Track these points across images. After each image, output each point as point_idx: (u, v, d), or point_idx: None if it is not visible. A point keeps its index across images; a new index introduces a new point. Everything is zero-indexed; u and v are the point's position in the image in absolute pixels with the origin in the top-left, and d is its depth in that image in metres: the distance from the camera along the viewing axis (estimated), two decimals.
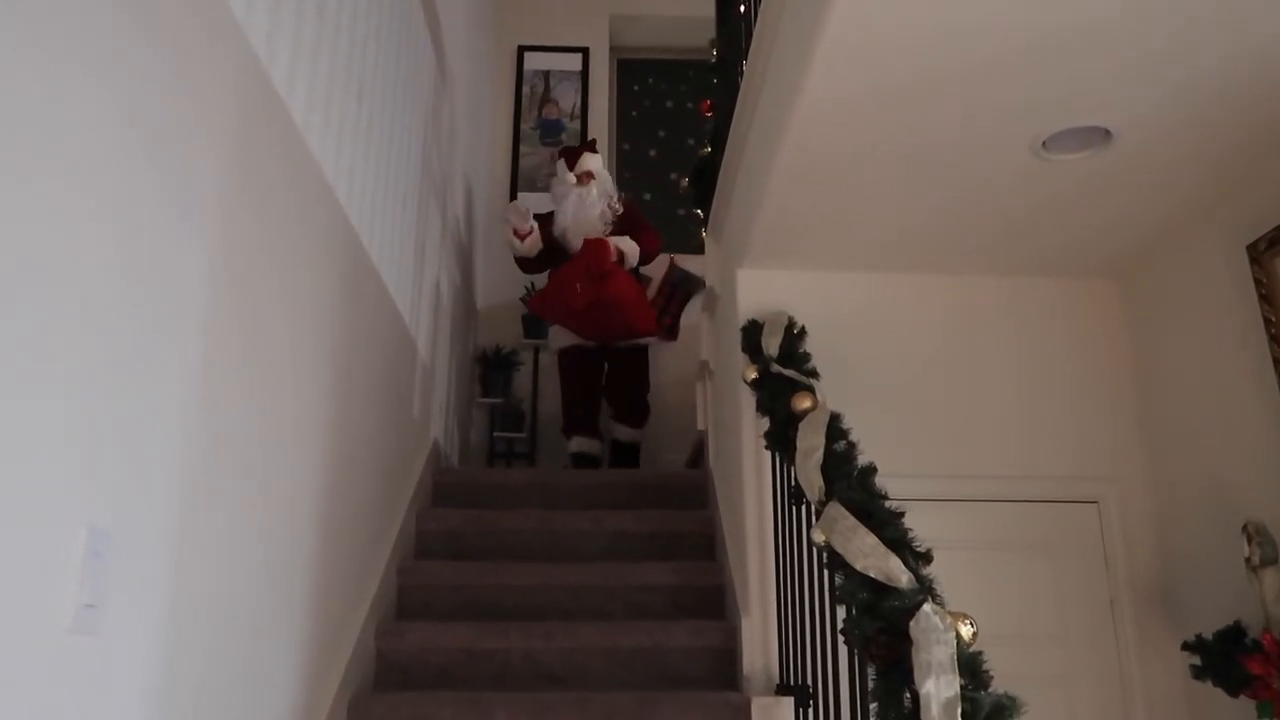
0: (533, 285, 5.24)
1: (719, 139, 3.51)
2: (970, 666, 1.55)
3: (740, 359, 2.91)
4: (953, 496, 2.95)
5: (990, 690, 1.54)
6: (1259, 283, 2.57)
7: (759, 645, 2.69)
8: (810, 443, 2.24)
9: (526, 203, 4.71)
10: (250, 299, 1.77)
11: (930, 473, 2.95)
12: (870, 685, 1.72)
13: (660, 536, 3.41)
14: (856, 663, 1.87)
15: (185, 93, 1.48)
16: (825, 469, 2.17)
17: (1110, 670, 2.92)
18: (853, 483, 2.05)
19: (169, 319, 1.45)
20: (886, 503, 1.95)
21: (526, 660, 2.81)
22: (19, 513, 1.09)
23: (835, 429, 2.27)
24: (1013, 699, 1.49)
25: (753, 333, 2.88)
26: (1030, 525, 3.02)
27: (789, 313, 2.88)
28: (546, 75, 5.87)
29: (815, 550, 2.21)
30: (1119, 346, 3.16)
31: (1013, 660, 1.96)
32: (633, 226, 4.58)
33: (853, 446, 2.22)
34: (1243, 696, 2.45)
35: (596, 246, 4.32)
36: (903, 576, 1.73)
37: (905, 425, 3.01)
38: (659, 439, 4.76)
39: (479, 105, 5.28)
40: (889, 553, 1.78)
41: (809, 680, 2.31)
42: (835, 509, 1.96)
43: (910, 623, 1.61)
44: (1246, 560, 2.52)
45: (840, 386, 2.68)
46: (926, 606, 1.62)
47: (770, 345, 2.77)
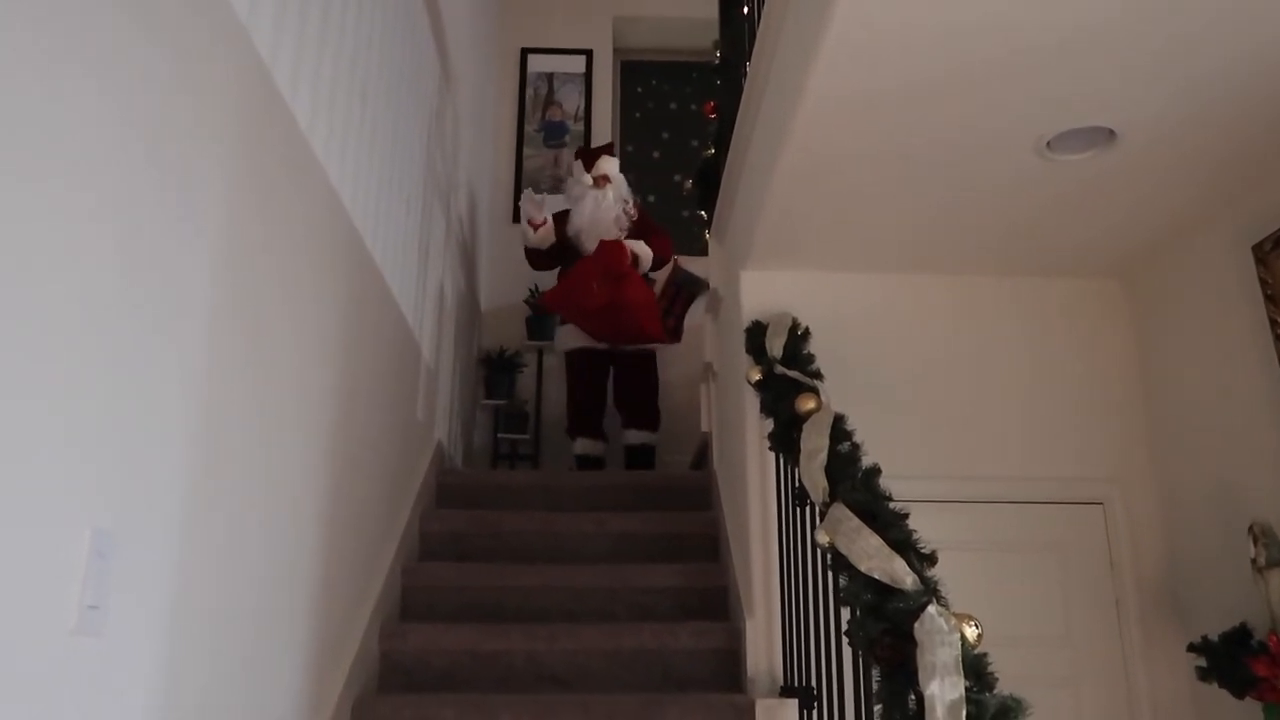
0: (536, 287, 5.25)
1: (722, 140, 3.51)
2: (975, 668, 1.54)
3: (744, 360, 2.91)
4: (957, 498, 2.95)
5: (995, 692, 1.53)
6: (1264, 283, 2.56)
7: (763, 647, 2.69)
8: (814, 444, 2.24)
9: (536, 196, 4.69)
10: (253, 300, 1.77)
11: (935, 474, 2.95)
12: (875, 687, 1.72)
13: (664, 538, 3.41)
14: (861, 664, 1.87)
15: (187, 94, 1.48)
16: (829, 470, 2.17)
17: (1116, 672, 2.91)
18: (857, 484, 2.05)
19: (172, 320, 1.45)
20: (891, 504, 1.95)
21: (530, 662, 2.80)
22: (22, 514, 1.09)
23: (839, 430, 2.26)
24: (1018, 701, 1.49)
25: (756, 334, 2.88)
26: (1035, 526, 3.01)
27: (793, 314, 2.87)
28: (550, 77, 5.87)
29: (819, 552, 2.21)
30: (1124, 347, 3.16)
31: (1018, 662, 1.95)
32: (645, 231, 4.59)
33: (857, 448, 2.21)
34: (1249, 698, 2.44)
35: (613, 248, 4.32)
36: (907, 578, 1.73)
37: (910, 426, 3.01)
38: (663, 440, 4.76)
39: (483, 107, 5.29)
40: (893, 554, 1.78)
41: (813, 682, 2.31)
42: (839, 510, 1.96)
43: (915, 624, 1.61)
44: (1252, 561, 2.51)
45: (844, 387, 2.67)
46: (931, 608, 1.61)
47: (774, 346, 2.77)
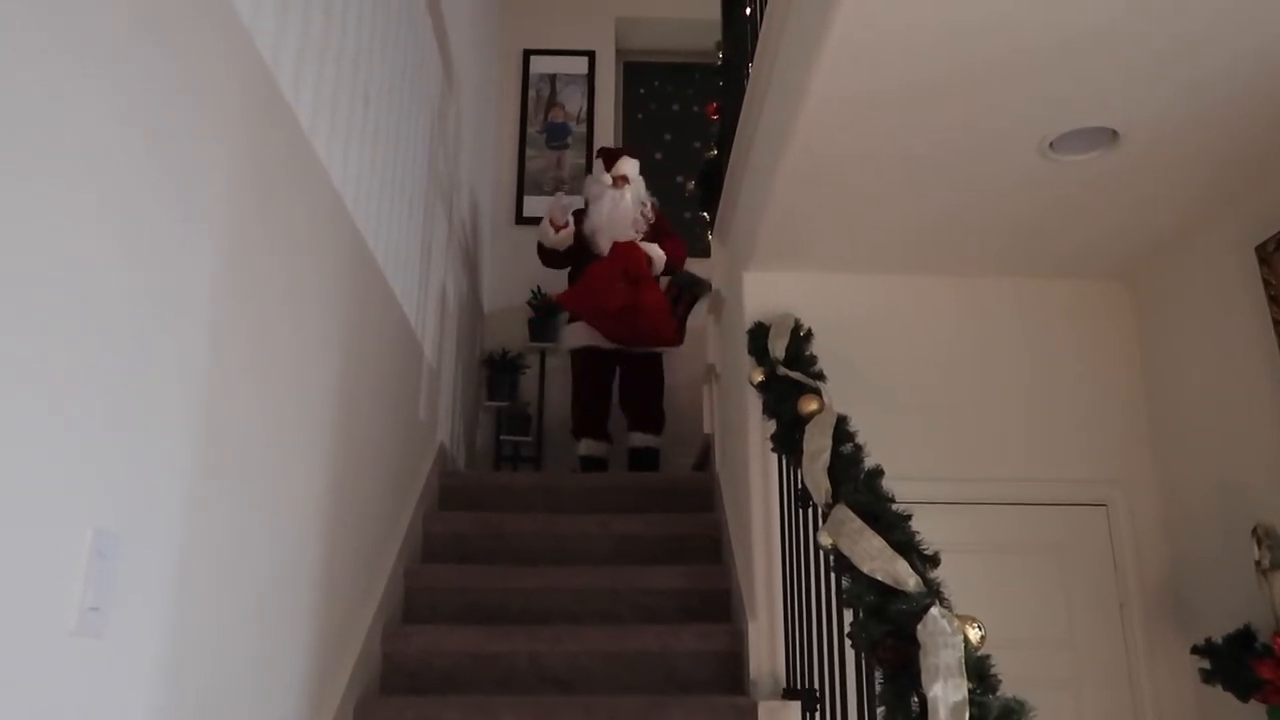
0: (539, 288, 5.25)
1: (725, 142, 3.51)
2: (978, 670, 1.54)
3: (747, 362, 2.91)
4: (960, 499, 2.94)
5: (999, 694, 1.53)
6: (1268, 284, 2.56)
7: (766, 649, 2.68)
8: (817, 445, 2.24)
9: (565, 200, 4.72)
10: (255, 300, 1.77)
11: (938, 476, 2.94)
12: (877, 689, 1.71)
13: (667, 540, 3.40)
14: (863, 666, 1.86)
15: (191, 95, 1.48)
16: (832, 471, 2.16)
17: (1119, 674, 2.90)
18: (860, 485, 2.05)
19: (173, 320, 1.45)
20: (894, 506, 1.94)
21: (532, 664, 2.80)
22: (23, 514, 1.09)
23: (842, 431, 2.26)
24: (1021, 703, 1.48)
25: (759, 335, 2.88)
26: (1039, 528, 3.01)
27: (795, 315, 2.87)
28: (553, 79, 5.87)
29: (822, 553, 2.20)
30: (1127, 348, 3.15)
31: (1021, 664, 1.94)
32: (660, 235, 4.59)
33: (860, 449, 2.21)
34: (1253, 701, 2.43)
35: (631, 250, 4.32)
36: (910, 579, 1.72)
37: (912, 428, 3.00)
38: (666, 442, 4.76)
39: (485, 109, 5.29)
40: (896, 555, 1.78)
41: (816, 684, 2.30)
42: (842, 512, 1.95)
43: (918, 626, 1.60)
44: (1257, 564, 2.50)
45: (847, 389, 2.67)
46: (934, 610, 1.61)
47: (776, 348, 2.76)
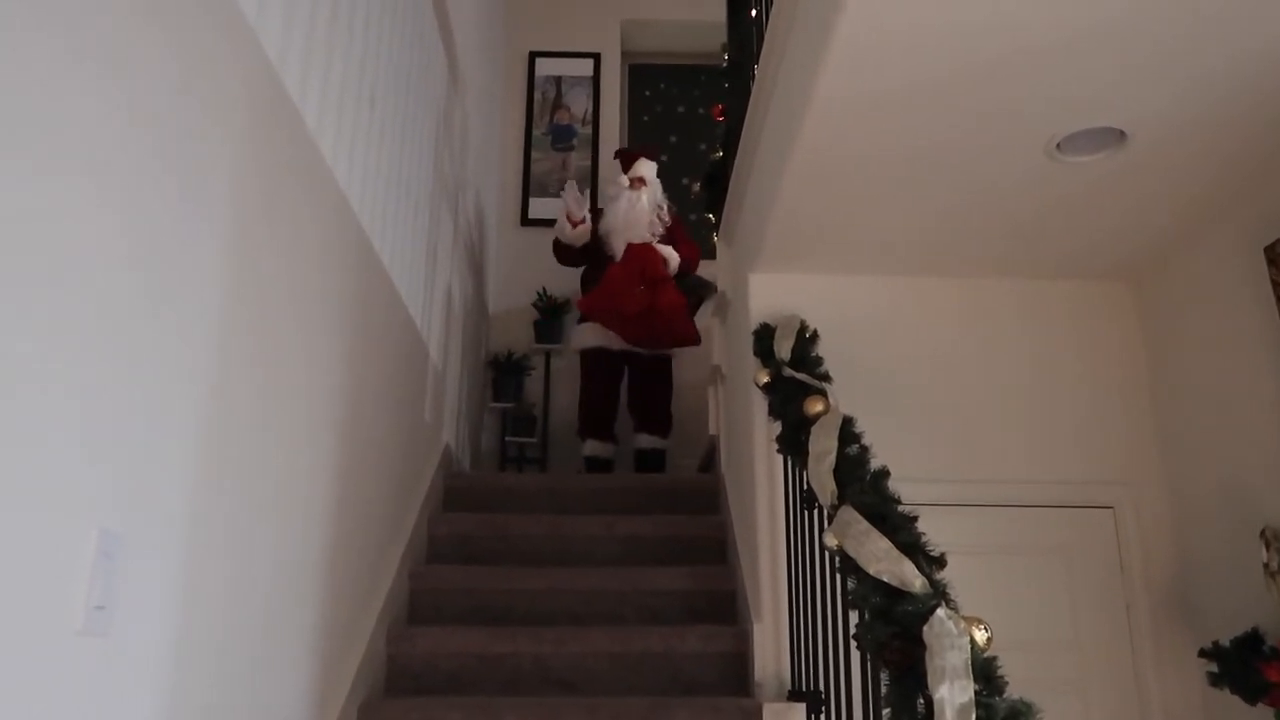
0: (545, 290, 5.25)
1: (730, 143, 3.51)
2: (985, 672, 1.53)
3: (752, 363, 2.90)
4: (967, 501, 2.93)
5: (1006, 695, 1.52)
6: (1276, 285, 2.55)
7: (771, 650, 2.67)
8: (823, 446, 2.23)
9: (577, 191, 4.67)
10: (260, 301, 1.77)
11: (945, 477, 2.93)
12: (883, 691, 1.71)
13: (672, 541, 3.40)
14: (869, 668, 1.86)
15: (196, 95, 1.48)
16: (838, 473, 2.16)
17: (1126, 677, 2.89)
18: (865, 486, 2.04)
19: (179, 321, 1.45)
20: (900, 507, 1.94)
21: (537, 665, 2.80)
22: (29, 513, 1.09)
23: (848, 433, 2.26)
24: (1028, 704, 1.48)
25: (765, 337, 2.87)
26: (1045, 530, 3.00)
27: (801, 316, 2.87)
28: (558, 81, 5.87)
29: (828, 555, 2.20)
30: (1133, 350, 3.14)
31: (1027, 667, 1.94)
32: (676, 239, 4.58)
33: (865, 450, 2.21)
34: (1261, 704, 2.42)
35: (647, 253, 4.31)
36: (916, 581, 1.72)
37: (919, 429, 3.00)
38: (672, 444, 4.76)
39: (491, 111, 5.29)
40: (902, 557, 1.77)
41: (821, 686, 2.30)
42: (848, 513, 1.95)
43: (924, 628, 1.60)
44: (1265, 566, 2.49)
45: (852, 390, 2.67)
46: (940, 611, 1.61)
47: (782, 349, 2.76)
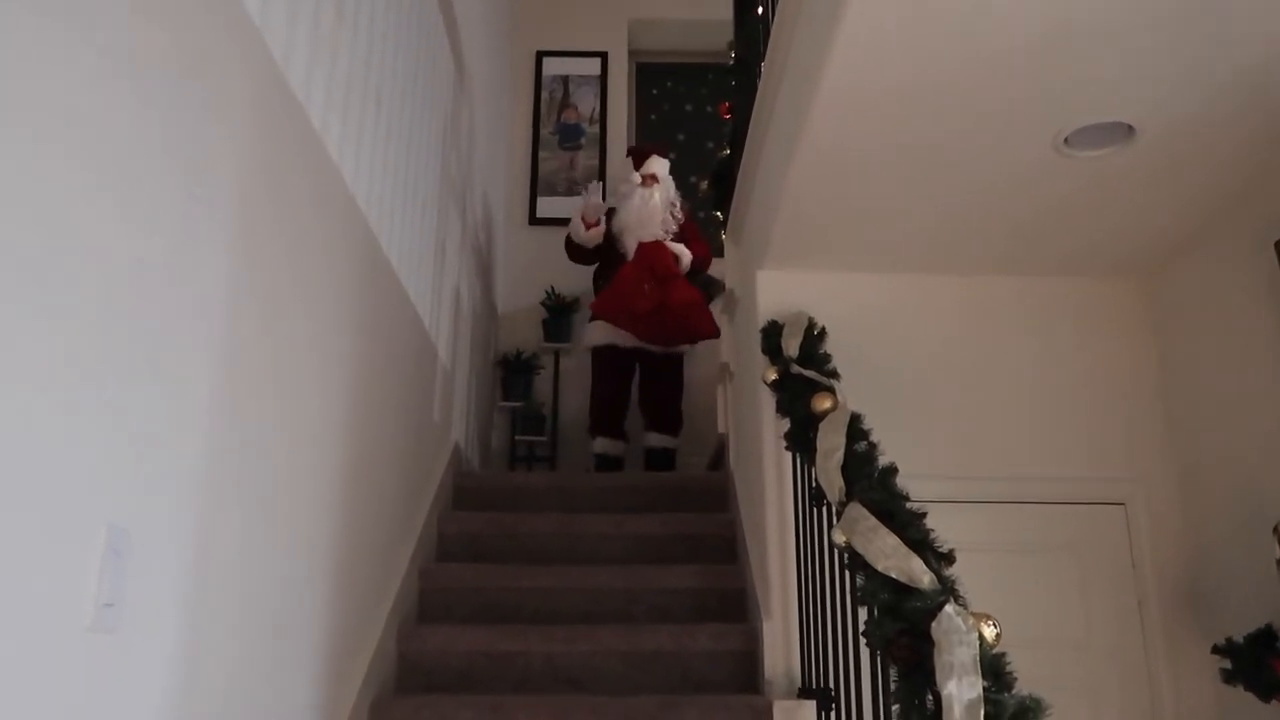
0: (554, 289, 5.26)
1: (737, 141, 3.50)
2: (993, 668, 1.53)
3: (760, 360, 2.90)
4: (977, 498, 2.92)
5: (1014, 692, 1.52)
6: None
7: (780, 648, 2.67)
8: (831, 443, 2.23)
9: (596, 198, 4.68)
10: (268, 299, 1.78)
11: (953, 474, 2.92)
12: (892, 687, 1.70)
13: (681, 539, 3.40)
14: (879, 665, 1.85)
15: (199, 93, 1.48)
16: (846, 470, 2.15)
17: (1138, 674, 2.88)
18: (874, 483, 2.04)
19: (187, 319, 1.45)
20: (908, 504, 1.93)
21: (547, 664, 2.80)
22: (38, 510, 1.10)
23: (856, 429, 2.25)
24: (1037, 701, 1.47)
25: (772, 334, 2.87)
26: (1056, 527, 2.98)
27: (809, 313, 2.86)
28: (565, 80, 5.88)
29: (836, 552, 2.19)
30: (1143, 345, 3.12)
31: (1039, 664, 1.93)
32: (687, 236, 4.58)
33: (874, 447, 2.20)
34: (1274, 701, 2.41)
35: (657, 250, 4.31)
36: (924, 577, 1.71)
37: (927, 425, 2.98)
38: (681, 442, 4.75)
39: (498, 110, 5.30)
40: (911, 553, 1.76)
41: (831, 683, 2.29)
42: (856, 510, 1.94)
43: (932, 624, 1.59)
44: (1277, 562, 2.47)
45: (861, 387, 2.66)
46: (949, 607, 1.60)
47: (790, 346, 2.75)
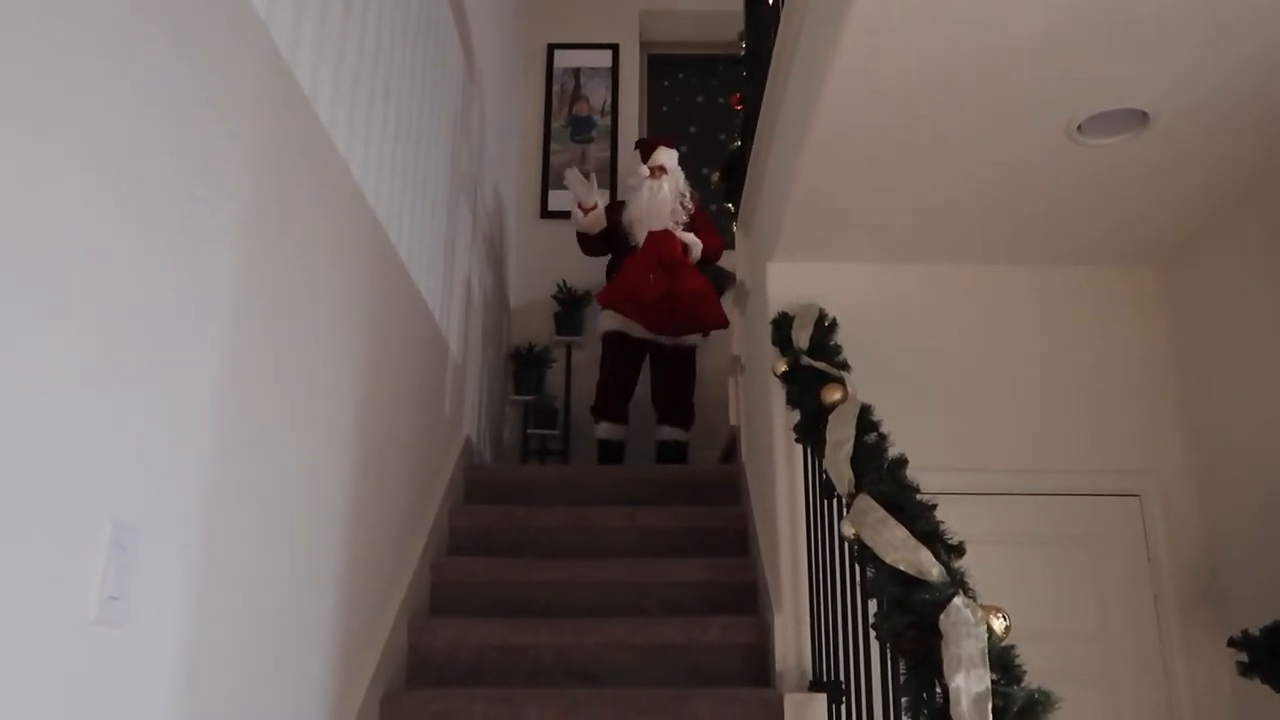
0: (565, 282, 5.25)
1: (749, 132, 3.49)
2: (1002, 661, 1.51)
3: (771, 352, 2.88)
4: (988, 490, 2.90)
5: (1024, 685, 1.50)
6: None
7: (791, 641, 2.66)
8: (840, 435, 2.21)
9: (579, 176, 4.63)
10: (275, 294, 1.78)
11: (966, 466, 2.90)
12: (902, 680, 1.69)
13: (693, 532, 3.39)
14: (889, 658, 1.84)
15: (203, 89, 1.48)
16: (855, 461, 2.14)
17: (1154, 667, 2.85)
18: (883, 475, 2.02)
19: (194, 314, 1.46)
20: (919, 496, 1.92)
21: (558, 657, 2.80)
22: (43, 505, 1.10)
23: (866, 421, 2.23)
24: (1046, 694, 1.46)
25: (783, 326, 2.85)
26: (1071, 519, 2.96)
27: (819, 305, 2.84)
28: (577, 72, 5.87)
29: (847, 544, 2.18)
30: (1159, 335, 3.09)
31: (1052, 658, 1.92)
32: (699, 227, 4.56)
33: (883, 439, 2.18)
34: None
35: (664, 238, 4.30)
36: (933, 569, 1.70)
37: (938, 417, 2.96)
38: (693, 435, 4.74)
39: (509, 103, 5.29)
40: (919, 545, 1.75)
41: (842, 676, 2.28)
42: (865, 501, 1.93)
43: (940, 616, 1.58)
44: None
45: (871, 378, 2.64)
46: (957, 600, 1.59)
47: (800, 338, 2.74)
